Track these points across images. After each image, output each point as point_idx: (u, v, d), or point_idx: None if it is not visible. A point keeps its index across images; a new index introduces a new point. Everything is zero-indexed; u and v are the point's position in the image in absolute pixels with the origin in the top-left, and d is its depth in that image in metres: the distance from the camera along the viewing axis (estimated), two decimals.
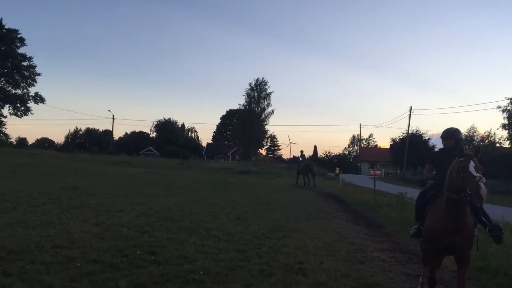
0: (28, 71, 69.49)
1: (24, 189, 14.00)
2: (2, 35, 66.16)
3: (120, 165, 40.55)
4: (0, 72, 67.27)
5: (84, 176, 22.24)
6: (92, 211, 10.74)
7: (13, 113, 70.32)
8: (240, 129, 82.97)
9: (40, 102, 71.50)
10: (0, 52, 65.88)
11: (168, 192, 16.83)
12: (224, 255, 7.10)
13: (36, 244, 6.80)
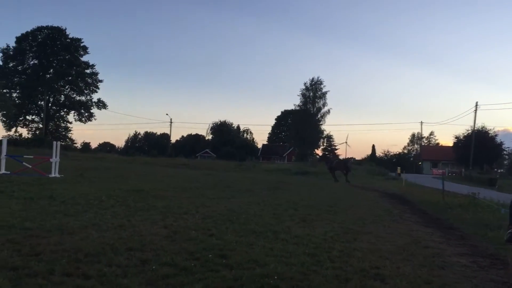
0: (91, 78, 72.61)
1: (93, 192, 14.46)
2: (67, 45, 69.49)
3: (179, 167, 41.42)
4: (66, 80, 70.63)
5: (146, 178, 22.80)
6: (158, 213, 10.89)
7: (78, 119, 73.77)
8: (295, 129, 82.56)
9: (103, 108, 74.58)
10: (65, 60, 69.24)
11: (229, 194, 16.89)
12: (295, 259, 6.92)
13: (110, 246, 6.91)
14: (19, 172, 20.76)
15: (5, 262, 5.67)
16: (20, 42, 69.08)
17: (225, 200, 14.74)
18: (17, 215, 9.32)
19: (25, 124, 70.82)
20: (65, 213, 9.98)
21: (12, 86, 67.21)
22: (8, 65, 68.94)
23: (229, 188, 19.83)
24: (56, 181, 18.32)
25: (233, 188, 19.78)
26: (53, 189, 14.62)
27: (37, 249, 6.45)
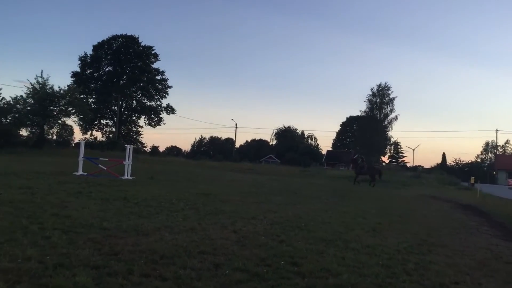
0: (161, 84, 75.27)
1: (163, 195, 14.90)
2: (139, 52, 72.54)
3: (244, 172, 41.83)
4: (137, 86, 73.69)
5: (213, 182, 23.20)
6: (227, 217, 11.01)
7: (148, 123, 76.65)
8: (361, 136, 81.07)
9: (171, 113, 76.98)
10: (137, 67, 72.28)
11: (295, 200, 16.79)
12: (368, 270, 6.72)
13: (184, 249, 7.05)
14: (95, 173, 21.83)
15: (87, 261, 5.93)
16: (96, 50, 73.01)
17: (291, 206, 14.66)
18: (95, 215, 9.77)
19: (99, 128, 74.63)
20: (139, 215, 10.33)
21: (89, 92, 71.07)
22: (85, 72, 73.03)
23: (295, 194, 19.73)
24: (129, 183, 19.07)
25: (299, 194, 19.66)
26: (127, 191, 15.21)
27: (115, 249, 6.70)
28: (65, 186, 15.52)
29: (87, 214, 9.73)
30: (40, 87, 47.16)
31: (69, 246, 6.67)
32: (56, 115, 49.29)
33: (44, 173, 19.40)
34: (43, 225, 8.13)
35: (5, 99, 44.35)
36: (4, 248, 6.26)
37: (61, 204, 10.99)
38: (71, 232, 7.76)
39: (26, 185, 14.71)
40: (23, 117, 46.39)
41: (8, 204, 10.26)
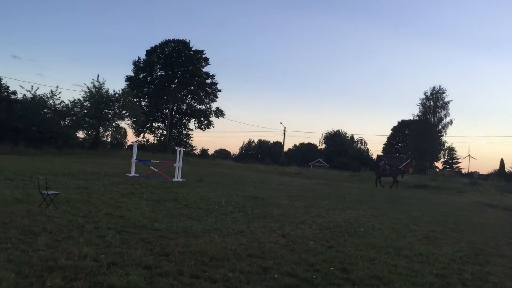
0: (211, 88, 76.32)
1: (212, 197, 15.08)
2: (190, 56, 73.90)
3: (292, 176, 41.65)
4: (188, 90, 75.08)
5: (261, 186, 23.24)
6: (275, 221, 10.99)
7: (198, 127, 77.84)
8: (414, 140, 78.69)
9: (220, 116, 77.81)
10: (188, 71, 73.67)
11: (344, 205, 16.54)
12: (421, 279, 6.50)
13: (232, 252, 7.09)
14: (146, 175, 22.41)
15: (139, 260, 6.08)
16: (149, 55, 75.01)
17: (341, 211, 14.45)
18: (147, 215, 10.02)
19: (151, 131, 76.53)
20: (189, 216, 10.50)
21: (142, 95, 73.07)
22: (138, 76, 75.16)
23: (344, 199, 19.43)
24: (179, 185, 19.43)
25: (349, 199, 19.34)
26: (177, 193, 15.51)
27: (166, 250, 6.84)
28: (119, 187, 16.02)
29: (139, 215, 10.00)
30: (96, 91, 48.96)
31: (122, 246, 6.87)
32: (110, 118, 51.00)
33: (99, 174, 20.09)
34: (98, 224, 8.43)
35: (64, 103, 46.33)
36: (62, 246, 6.52)
37: (115, 204, 11.35)
38: (124, 232, 7.99)
39: (82, 185, 15.31)
40: (81, 120, 48.31)
41: (65, 203, 10.70)
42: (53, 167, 22.53)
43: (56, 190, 11.51)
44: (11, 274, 5.07)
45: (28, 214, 8.82)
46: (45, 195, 9.95)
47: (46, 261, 5.69)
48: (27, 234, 7.13)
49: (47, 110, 44.47)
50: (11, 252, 5.98)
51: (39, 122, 41.84)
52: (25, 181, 14.94)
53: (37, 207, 9.70)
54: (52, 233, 7.32)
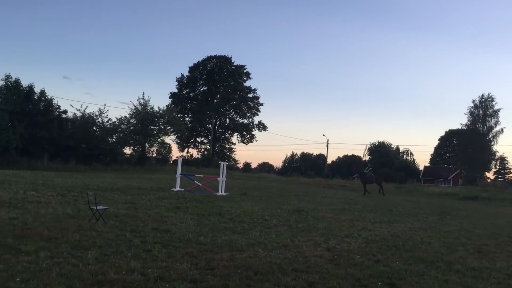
0: (253, 102, 76.89)
1: (256, 211, 15.09)
2: (232, 71, 74.92)
3: (336, 188, 41.17)
4: (230, 104, 75.94)
5: (305, 199, 23.06)
6: (320, 235, 10.87)
7: (240, 141, 78.43)
8: (462, 150, 76.09)
9: (263, 130, 78.14)
10: (230, 86, 74.60)
11: (391, 218, 16.15)
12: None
13: (277, 266, 7.05)
14: (191, 189, 22.71)
15: (185, 275, 6.14)
16: (192, 71, 76.53)
17: (387, 224, 14.12)
18: (192, 230, 10.14)
19: (195, 145, 77.65)
20: (233, 230, 10.54)
21: (185, 111, 74.47)
22: (182, 92, 76.75)
23: (390, 212, 18.97)
24: (223, 199, 19.56)
25: (395, 212, 18.88)
26: (221, 207, 15.62)
27: (211, 264, 6.88)
28: (164, 201, 16.30)
29: (185, 229, 10.12)
30: (142, 107, 50.35)
31: (169, 260, 6.96)
32: (156, 134, 52.22)
33: (146, 189, 20.52)
34: (145, 238, 8.59)
35: (111, 120, 47.88)
36: (110, 260, 6.68)
37: (161, 219, 11.55)
38: (170, 246, 8.10)
39: (130, 200, 15.69)
40: (127, 137, 49.74)
41: (114, 218, 10.99)
42: (102, 183, 23.22)
43: (105, 205, 11.85)
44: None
45: (79, 229, 9.10)
46: (94, 210, 10.26)
47: (96, 275, 5.83)
48: (78, 248, 7.36)
49: (96, 128, 46.06)
50: (63, 266, 6.18)
51: (88, 139, 43.38)
52: (76, 197, 15.46)
53: (87, 222, 10.00)
54: (102, 248, 7.51)
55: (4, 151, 36.34)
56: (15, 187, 17.35)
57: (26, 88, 40.11)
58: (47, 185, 19.30)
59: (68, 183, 21.21)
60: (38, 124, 39.09)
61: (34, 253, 6.80)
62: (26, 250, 6.90)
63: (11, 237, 7.83)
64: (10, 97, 37.94)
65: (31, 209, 11.66)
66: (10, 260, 6.32)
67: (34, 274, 5.66)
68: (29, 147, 38.39)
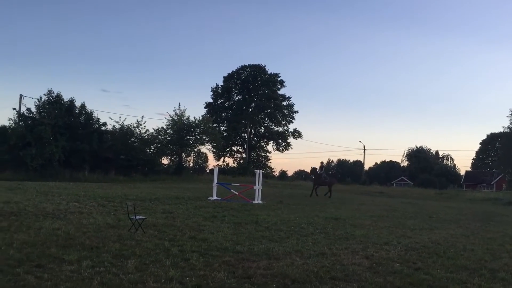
0: (287, 110, 76.92)
1: (292, 219, 15.04)
2: (266, 80, 75.27)
3: (374, 195, 40.53)
4: (265, 113, 76.17)
5: (342, 206, 22.80)
6: (358, 242, 10.72)
7: (276, 149, 78.51)
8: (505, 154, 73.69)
9: (298, 137, 77.99)
10: (264, 95, 74.89)
11: (432, 225, 15.76)
12: None
13: (314, 274, 7.00)
14: (227, 198, 22.85)
15: (222, 283, 6.18)
16: (227, 81, 77.40)
17: (427, 231, 13.79)
18: (229, 238, 10.20)
19: (231, 154, 78.26)
20: (270, 239, 10.54)
21: (220, 121, 75.24)
22: (217, 102, 77.69)
23: (431, 218, 18.53)
24: (260, 207, 19.59)
25: (436, 219, 18.42)
26: (257, 215, 15.64)
27: (248, 272, 6.90)
28: (201, 210, 16.47)
29: (222, 238, 10.20)
30: (178, 118, 51.18)
31: (206, 268, 7.03)
32: (192, 143, 52.93)
33: (183, 198, 20.78)
34: (182, 247, 8.70)
35: (149, 131, 48.84)
36: (150, 269, 6.81)
37: (198, 228, 11.67)
38: (208, 254, 8.18)
39: (168, 210, 15.93)
40: (164, 147, 50.63)
41: (152, 227, 11.18)
42: (141, 193, 23.68)
43: (144, 215, 12.08)
44: None
45: (119, 239, 9.31)
46: (133, 220, 10.47)
47: (136, 284, 5.95)
48: (118, 257, 7.52)
49: (134, 139, 47.09)
50: (104, 275, 6.33)
51: (127, 150, 44.40)
52: (116, 207, 15.83)
53: (127, 232, 10.22)
54: (141, 257, 7.66)
55: (47, 164, 37.61)
56: (58, 199, 17.92)
57: (67, 102, 41.47)
58: (88, 196, 19.85)
59: (108, 194, 21.74)
60: (79, 137, 40.31)
61: (76, 262, 7.00)
62: (69, 260, 7.11)
63: (55, 247, 8.09)
64: (52, 112, 39.30)
65: (74, 220, 12.01)
66: (54, 269, 6.53)
67: (76, 283, 5.83)
68: (71, 159, 39.61)
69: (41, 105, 40.15)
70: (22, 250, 7.64)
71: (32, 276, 6.09)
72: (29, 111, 40.48)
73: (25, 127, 38.62)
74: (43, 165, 37.32)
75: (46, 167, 37.48)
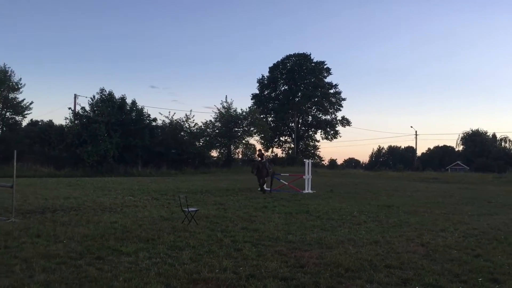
0: (334, 98, 75.97)
1: (344, 208, 14.88)
2: (312, 68, 74.57)
3: (428, 181, 39.41)
4: (312, 102, 75.57)
5: (395, 193, 22.33)
6: (413, 230, 10.47)
7: (324, 137, 77.88)
8: None
9: (347, 125, 77.01)
10: (310, 83, 74.27)
11: (491, 210, 15.15)
12: None
13: (368, 262, 6.90)
14: (277, 188, 22.90)
15: (276, 273, 6.21)
16: (272, 72, 77.35)
17: (486, 217, 13.27)
18: (280, 228, 10.22)
19: (279, 145, 78.43)
20: (321, 228, 10.48)
21: (267, 111, 75.43)
22: (263, 93, 77.89)
23: (489, 203, 17.81)
24: (310, 196, 19.51)
25: (495, 204, 17.69)
26: (308, 205, 15.58)
27: (301, 262, 6.88)
28: (252, 201, 16.60)
29: (273, 228, 10.23)
30: (226, 111, 51.81)
31: (259, 258, 7.08)
32: (240, 135, 53.48)
33: (233, 190, 21.05)
34: (235, 238, 8.81)
35: (197, 125, 49.73)
36: (204, 259, 6.93)
37: (249, 219, 11.77)
38: (260, 244, 8.23)
39: (219, 201, 16.17)
40: (213, 140, 51.45)
41: (205, 219, 11.38)
42: (192, 186, 24.16)
43: (196, 207, 12.31)
44: (162, 286, 5.52)
45: (173, 230, 9.54)
46: (186, 212, 10.70)
47: (191, 274, 6.08)
48: (173, 249, 7.71)
49: (183, 133, 48.05)
50: (160, 265, 6.51)
51: (177, 145, 45.40)
52: (169, 200, 16.23)
53: (180, 224, 10.45)
54: (195, 248, 7.81)
55: (102, 160, 39.08)
56: (114, 193, 18.60)
57: (119, 100, 42.83)
58: (142, 190, 20.48)
59: (161, 187, 22.34)
60: (131, 133, 41.57)
61: (134, 254, 7.23)
62: (126, 252, 7.35)
63: (113, 239, 8.39)
64: (105, 109, 40.70)
65: (129, 213, 12.42)
66: (113, 261, 6.78)
67: (135, 274, 6.02)
68: (124, 155, 40.96)
69: (95, 103, 41.70)
70: (82, 243, 7.98)
71: (93, 267, 6.35)
72: (84, 110, 42.23)
73: (80, 125, 40.25)
74: (98, 162, 38.83)
75: (102, 163, 38.96)
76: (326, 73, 76.05)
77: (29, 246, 7.65)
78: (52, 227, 9.66)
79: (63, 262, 6.60)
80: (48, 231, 9.13)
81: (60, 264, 6.51)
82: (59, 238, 8.41)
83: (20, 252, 7.16)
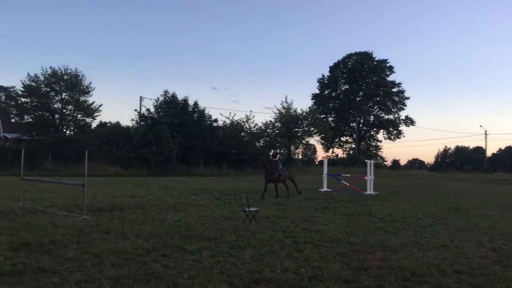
0: (398, 97, 73.79)
1: (408, 209, 14.44)
2: (374, 67, 72.79)
3: (499, 183, 37.42)
4: (374, 101, 73.81)
5: (463, 196, 21.39)
6: (483, 234, 9.98)
7: (387, 137, 75.83)
8: None
9: (410, 125, 74.57)
10: (372, 82, 72.57)
11: None
12: None
13: (436, 267, 6.64)
14: (338, 189, 22.59)
15: (338, 275, 6.11)
16: (333, 71, 76.30)
17: None
18: (342, 230, 10.07)
19: (340, 145, 77.20)
20: (385, 230, 10.22)
21: (328, 111, 74.47)
22: (323, 92, 76.97)
23: None
24: (372, 198, 19.09)
25: None
26: (370, 206, 15.26)
27: (364, 264, 6.74)
28: (313, 202, 16.47)
29: (334, 229, 10.10)
30: (286, 111, 51.76)
31: (321, 260, 7.01)
32: (300, 136, 53.22)
33: (293, 190, 20.98)
34: (296, 238, 8.77)
35: (257, 125, 50.05)
36: (265, 259, 6.96)
37: (310, 219, 11.69)
38: (321, 246, 8.15)
39: (279, 202, 16.19)
40: (273, 140, 51.56)
41: (265, 219, 11.42)
42: (252, 186, 24.36)
43: (256, 207, 12.38)
44: (224, 285, 5.59)
45: (235, 230, 9.65)
46: (247, 212, 10.79)
47: (253, 273, 6.12)
48: (235, 248, 7.80)
49: (244, 134, 48.54)
50: (223, 264, 6.60)
51: (237, 145, 45.95)
52: (230, 200, 16.45)
53: (241, 223, 10.56)
54: (256, 247, 7.86)
55: (166, 160, 40.27)
56: (177, 193, 19.11)
57: (182, 101, 43.95)
58: (204, 190, 20.91)
59: (222, 187, 22.70)
60: (194, 134, 42.53)
61: (197, 252, 7.39)
62: (190, 250, 7.53)
63: (177, 237, 8.62)
64: (169, 111, 41.92)
65: (192, 212, 12.71)
66: (177, 258, 6.96)
67: (198, 272, 6.15)
68: (187, 155, 41.98)
69: (159, 105, 43.06)
70: (149, 240, 8.26)
71: (159, 264, 6.55)
72: (149, 111, 43.74)
73: (145, 126, 41.70)
74: (162, 161, 40.04)
75: (165, 163, 40.15)
76: (388, 72, 73.96)
77: (99, 242, 8.01)
78: (120, 224, 10.07)
79: (131, 258, 6.86)
80: (116, 228, 9.53)
81: (128, 260, 6.77)
82: (127, 235, 8.75)
83: (91, 248, 7.51)
